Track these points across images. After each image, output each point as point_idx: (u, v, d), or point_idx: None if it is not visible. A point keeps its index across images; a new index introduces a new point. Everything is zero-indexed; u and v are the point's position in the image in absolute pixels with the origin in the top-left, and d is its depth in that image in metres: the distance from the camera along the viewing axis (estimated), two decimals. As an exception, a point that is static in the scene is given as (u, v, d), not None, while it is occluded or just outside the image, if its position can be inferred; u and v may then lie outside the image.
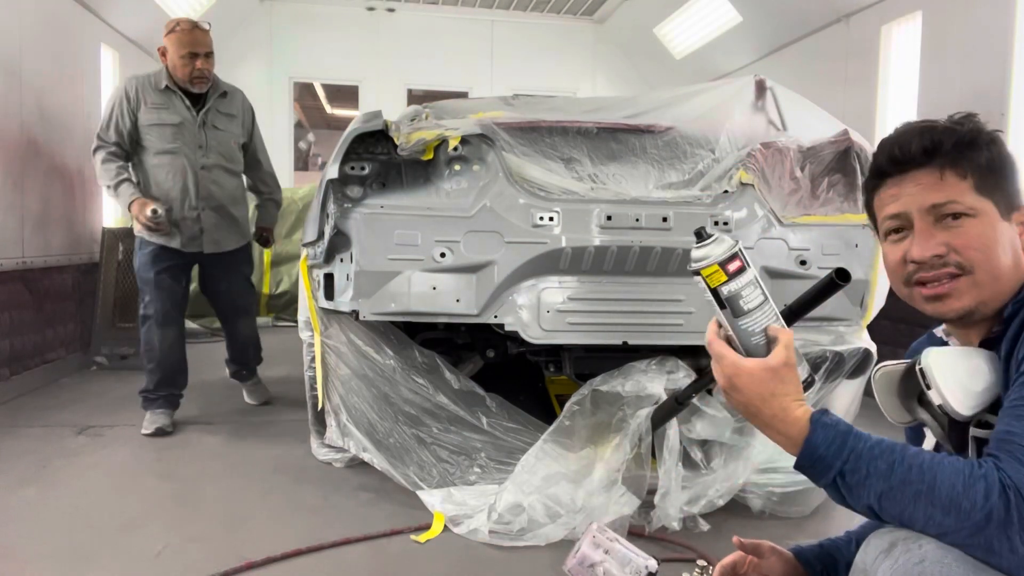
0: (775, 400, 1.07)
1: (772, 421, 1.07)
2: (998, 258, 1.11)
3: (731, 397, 1.11)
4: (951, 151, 1.13)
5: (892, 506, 0.99)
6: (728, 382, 1.11)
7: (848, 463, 1.01)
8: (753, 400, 1.08)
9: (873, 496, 0.99)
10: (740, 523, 2.41)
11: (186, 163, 3.49)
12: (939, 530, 0.97)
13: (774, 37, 6.16)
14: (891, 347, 3.27)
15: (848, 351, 2.58)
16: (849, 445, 1.02)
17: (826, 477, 1.03)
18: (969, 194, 1.12)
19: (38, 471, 2.90)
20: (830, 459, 1.02)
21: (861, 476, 1.00)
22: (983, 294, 1.12)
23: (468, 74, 8.23)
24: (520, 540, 2.26)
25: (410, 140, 2.46)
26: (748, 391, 1.08)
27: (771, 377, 1.08)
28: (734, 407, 1.11)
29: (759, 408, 1.08)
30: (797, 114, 2.88)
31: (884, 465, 0.99)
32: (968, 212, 1.11)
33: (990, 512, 0.92)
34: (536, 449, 2.44)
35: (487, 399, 2.74)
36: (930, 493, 0.96)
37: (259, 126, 3.94)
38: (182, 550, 2.20)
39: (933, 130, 1.15)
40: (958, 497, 0.94)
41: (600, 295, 2.55)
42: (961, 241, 1.11)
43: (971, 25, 4.10)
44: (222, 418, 3.77)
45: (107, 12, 5.53)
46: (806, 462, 1.04)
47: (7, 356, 4.15)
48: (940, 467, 0.98)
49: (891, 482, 0.98)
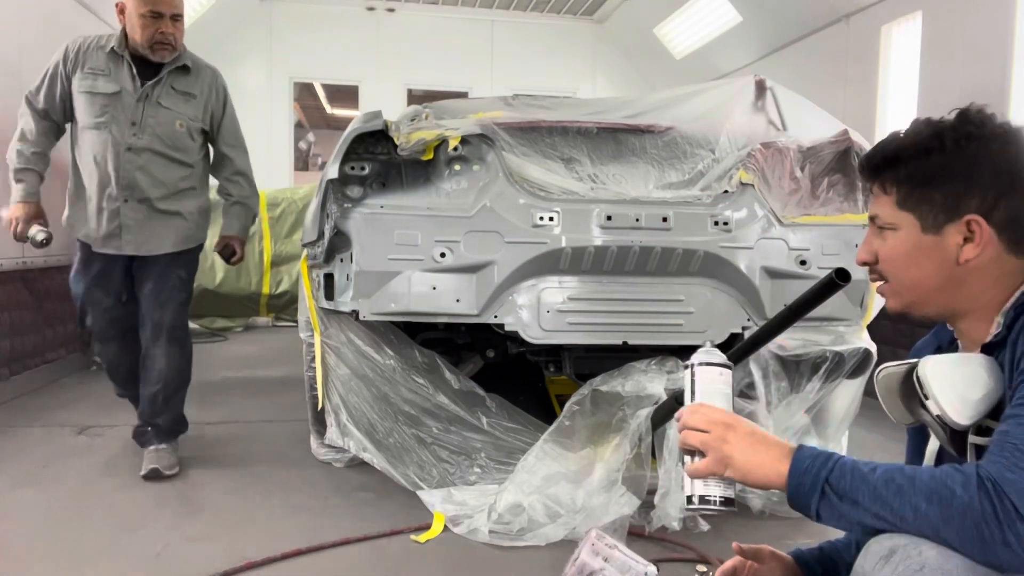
0: (766, 439, 1.13)
1: (767, 456, 1.11)
2: (905, 270, 1.17)
3: (726, 440, 1.12)
4: (878, 167, 1.20)
5: (880, 506, 1.01)
6: (728, 428, 1.13)
7: (833, 472, 1.05)
8: (747, 441, 1.12)
9: (866, 499, 1.02)
10: (740, 523, 2.41)
11: (110, 141, 2.81)
12: (928, 523, 0.98)
13: (774, 37, 6.16)
14: (891, 347, 3.27)
15: (848, 351, 2.58)
16: (833, 458, 1.07)
17: (816, 489, 1.05)
18: (889, 209, 1.18)
19: (38, 471, 2.90)
20: (816, 469, 1.06)
21: (847, 483, 1.03)
22: (905, 299, 1.20)
23: (468, 74, 8.24)
24: (520, 540, 2.26)
25: (410, 140, 2.46)
26: (743, 432, 1.13)
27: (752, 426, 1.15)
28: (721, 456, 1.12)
29: (754, 447, 1.11)
30: (797, 114, 2.89)
31: (866, 470, 1.04)
32: (888, 226, 1.19)
33: (971, 499, 0.95)
34: (536, 449, 2.44)
35: (487, 399, 2.74)
36: (911, 485, 1.00)
37: (258, 126, 3.79)
38: (182, 550, 2.20)
39: (883, 144, 1.20)
40: (938, 487, 0.98)
41: (600, 295, 2.55)
42: (882, 252, 1.20)
43: (971, 25, 4.10)
44: (222, 418, 3.77)
45: (107, 12, 5.52)
46: (795, 479, 1.08)
47: (7, 356, 4.15)
48: (920, 468, 1.02)
49: (874, 483, 1.02)
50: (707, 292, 2.57)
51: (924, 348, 1.33)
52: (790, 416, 2.50)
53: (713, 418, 1.13)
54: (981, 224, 1.11)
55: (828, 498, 1.04)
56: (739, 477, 1.12)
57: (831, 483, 1.04)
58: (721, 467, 1.11)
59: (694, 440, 1.13)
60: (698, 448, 1.13)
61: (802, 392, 2.53)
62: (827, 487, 1.04)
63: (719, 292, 2.57)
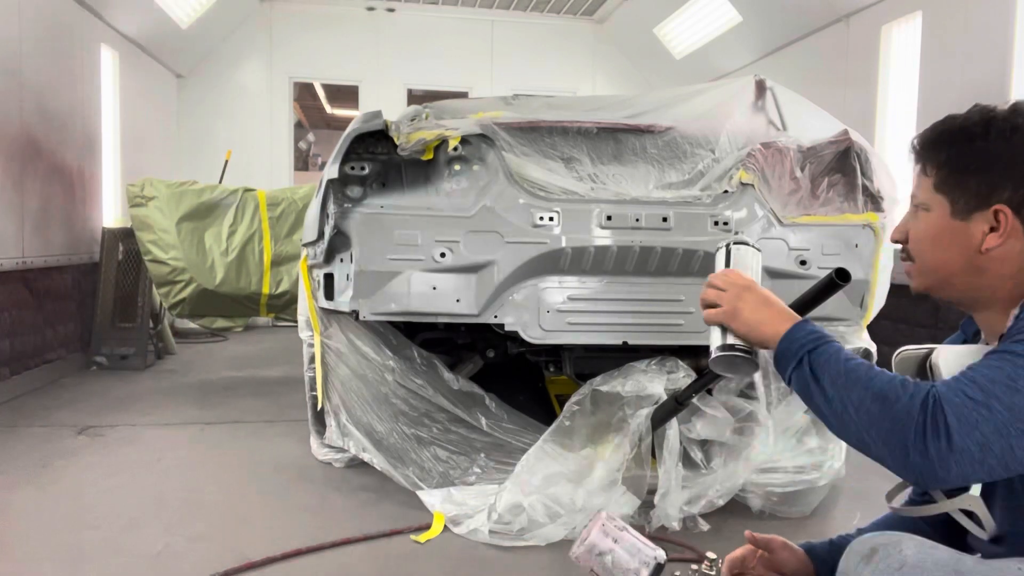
0: (776, 304, 1.25)
1: (772, 317, 1.22)
2: (933, 253, 1.20)
3: (742, 299, 1.24)
4: (921, 148, 1.23)
5: (834, 388, 1.10)
6: (746, 290, 1.25)
7: (818, 348, 1.14)
8: (759, 302, 1.24)
9: (827, 379, 1.11)
10: (740, 523, 2.41)
11: None
12: (867, 418, 1.05)
13: (774, 37, 6.16)
14: (891, 347, 3.26)
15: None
16: (826, 339, 1.16)
17: (796, 357, 1.15)
18: (927, 190, 1.21)
19: (38, 471, 2.90)
20: (804, 340, 1.16)
21: (822, 360, 1.13)
22: (927, 281, 1.23)
23: (468, 74, 8.23)
24: (520, 540, 2.26)
25: (410, 140, 2.46)
26: (758, 294, 1.25)
27: (768, 293, 1.27)
28: (732, 308, 1.24)
29: (763, 307, 1.23)
30: (797, 114, 2.88)
31: (844, 356, 1.13)
32: (922, 206, 1.22)
33: (911, 407, 1.02)
34: (536, 449, 2.44)
35: (487, 399, 2.74)
36: (867, 381, 1.07)
37: (258, 126, 3.78)
38: (182, 550, 2.20)
39: (934, 125, 1.23)
40: (887, 390, 1.05)
41: (600, 295, 2.55)
42: (912, 232, 1.24)
43: (971, 25, 4.10)
44: (222, 418, 3.77)
45: (107, 12, 5.54)
46: (784, 344, 1.18)
47: (7, 356, 4.16)
48: (885, 372, 1.10)
49: (843, 367, 1.11)
50: (707, 292, 2.57)
51: (952, 342, 1.34)
52: (790, 416, 2.50)
53: (735, 280, 1.27)
54: (1007, 214, 1.13)
55: (802, 368, 1.14)
56: (744, 330, 1.23)
57: (811, 356, 1.14)
58: (731, 317, 1.23)
59: (711, 295, 1.26)
60: (714, 301, 1.26)
61: (802, 392, 2.52)
62: (806, 357, 1.14)
63: (719, 292, 2.57)
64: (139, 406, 3.99)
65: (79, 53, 5.17)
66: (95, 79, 5.46)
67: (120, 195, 5.86)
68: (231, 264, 4.64)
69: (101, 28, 5.56)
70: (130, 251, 5.26)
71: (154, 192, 4.56)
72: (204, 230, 4.63)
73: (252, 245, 4.90)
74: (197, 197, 4.65)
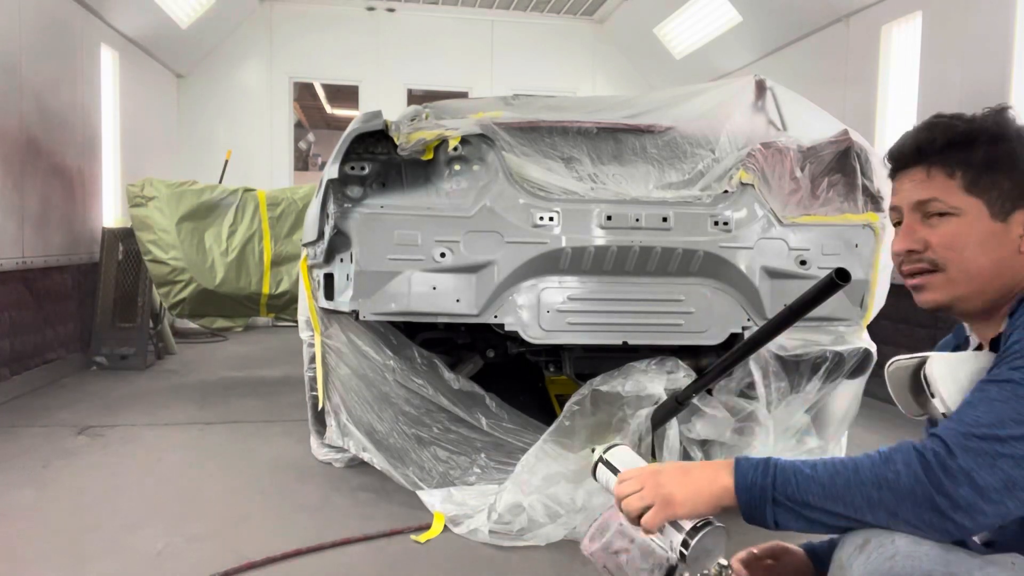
0: (695, 465, 1.17)
1: (703, 476, 1.12)
2: (973, 258, 1.13)
3: (661, 484, 1.13)
4: (941, 149, 1.14)
5: (836, 504, 1.02)
6: (655, 473, 1.16)
7: (776, 478, 1.05)
8: (679, 474, 1.14)
9: (815, 499, 1.03)
10: (740, 523, 2.41)
11: None
12: (884, 510, 1.00)
13: (774, 37, 6.16)
14: (891, 347, 3.27)
15: (848, 351, 2.58)
16: (771, 463, 1.07)
17: (767, 500, 1.06)
18: (955, 193, 1.13)
19: (38, 471, 2.90)
20: (760, 481, 1.06)
21: (793, 486, 1.04)
22: (957, 291, 1.15)
23: (468, 74, 8.23)
24: (520, 540, 2.26)
25: (410, 140, 2.46)
26: (672, 470, 1.16)
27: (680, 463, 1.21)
28: (662, 498, 1.13)
29: (687, 475, 1.13)
30: (797, 114, 2.88)
31: (808, 469, 1.05)
32: (950, 211, 1.13)
33: (914, 475, 0.97)
34: (536, 449, 2.44)
35: (487, 399, 2.74)
36: (856, 476, 1.01)
37: (258, 126, 3.80)
38: (182, 550, 2.20)
39: (933, 127, 1.17)
40: (881, 471, 1.00)
41: (600, 295, 2.55)
42: (936, 239, 1.14)
43: (971, 25, 4.10)
44: (222, 418, 3.77)
45: (107, 12, 5.54)
46: (744, 495, 1.08)
47: (7, 356, 4.15)
48: (860, 457, 1.04)
49: (821, 481, 1.03)
50: (707, 292, 2.57)
51: (947, 345, 1.33)
52: (790, 416, 2.50)
53: (639, 475, 1.16)
54: None
55: (780, 505, 1.05)
56: (688, 510, 1.11)
57: (778, 489, 1.05)
58: (668, 510, 1.11)
59: (635, 504, 1.13)
60: (640, 508, 1.13)
61: (802, 392, 2.53)
62: (777, 495, 1.05)
63: (719, 292, 2.57)
64: (139, 406, 3.99)
65: (79, 53, 5.17)
66: (95, 79, 5.46)
67: (120, 195, 5.86)
68: (231, 264, 4.64)
69: (101, 28, 5.56)
70: (130, 251, 5.26)
71: (154, 192, 4.56)
72: (204, 230, 4.63)
73: (252, 245, 4.90)
74: (197, 197, 4.65)
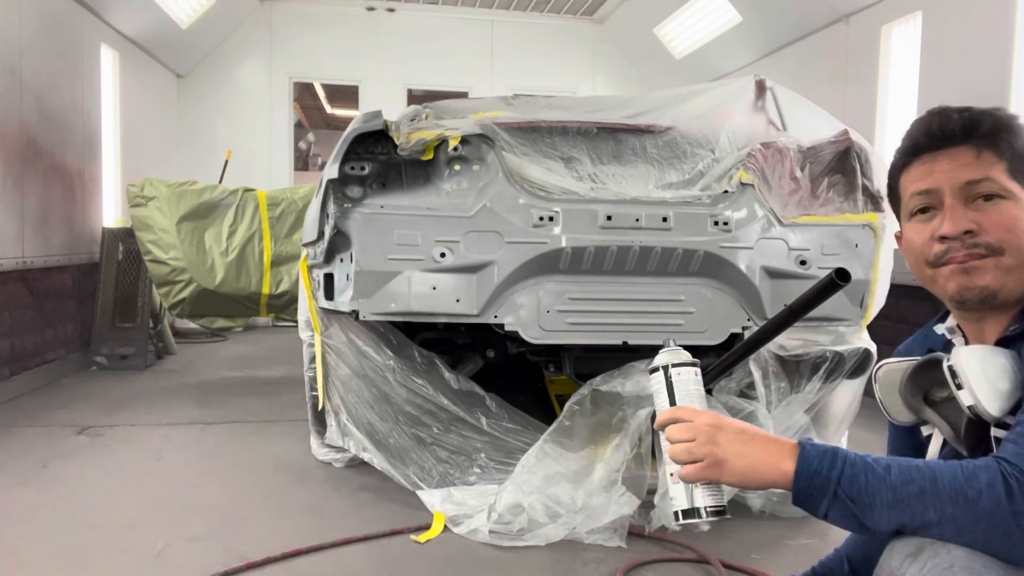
0: (757, 435, 1.07)
1: (764, 453, 1.05)
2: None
3: (717, 443, 1.06)
4: (990, 131, 1.11)
5: (902, 512, 0.97)
6: (715, 429, 1.07)
7: (844, 472, 0.99)
8: (739, 441, 1.06)
9: (883, 503, 0.98)
10: (740, 523, 2.41)
11: None
12: (953, 526, 0.95)
13: (774, 37, 6.16)
14: (891, 347, 3.26)
15: (848, 351, 2.58)
16: (841, 457, 1.01)
17: (827, 493, 1.00)
18: (1004, 176, 1.10)
19: (38, 471, 2.90)
20: (825, 472, 1.00)
21: (861, 485, 0.99)
22: (1007, 279, 1.10)
23: (468, 74, 8.23)
24: (520, 540, 2.26)
25: (410, 140, 2.46)
26: (732, 432, 1.07)
27: (741, 423, 1.09)
28: (713, 461, 1.05)
29: (747, 445, 1.05)
30: (797, 114, 2.88)
31: (880, 470, 0.99)
32: (1002, 193, 1.10)
33: (997, 498, 0.92)
34: (536, 449, 2.44)
35: (487, 399, 2.74)
36: (934, 487, 0.96)
37: (258, 126, 3.80)
38: (182, 550, 2.20)
39: (972, 110, 1.14)
40: (962, 487, 0.94)
41: (600, 295, 2.55)
42: (993, 221, 1.09)
43: (971, 25, 4.10)
44: (222, 418, 3.77)
45: (107, 12, 5.53)
46: (803, 482, 1.02)
47: (7, 356, 4.15)
48: (937, 465, 0.98)
49: (893, 484, 0.97)
50: (707, 292, 2.57)
51: (912, 352, 1.30)
52: (790, 416, 2.50)
53: (697, 424, 1.07)
54: None
55: (840, 501, 1.00)
56: (736, 481, 1.05)
57: (843, 486, 0.99)
58: (715, 472, 1.05)
59: (683, 454, 1.07)
60: (689, 459, 1.06)
61: (802, 392, 2.53)
62: (839, 490, 0.99)
63: (719, 292, 2.57)
64: (139, 406, 3.99)
65: (79, 53, 5.17)
66: (95, 79, 5.46)
67: (120, 195, 5.86)
68: (231, 264, 4.65)
69: (101, 28, 5.56)
70: (130, 251, 5.26)
71: (154, 192, 4.56)
72: (204, 230, 4.64)
73: (252, 245, 4.90)
74: (197, 197, 4.65)
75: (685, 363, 1.13)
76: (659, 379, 1.14)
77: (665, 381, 1.13)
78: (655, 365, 1.15)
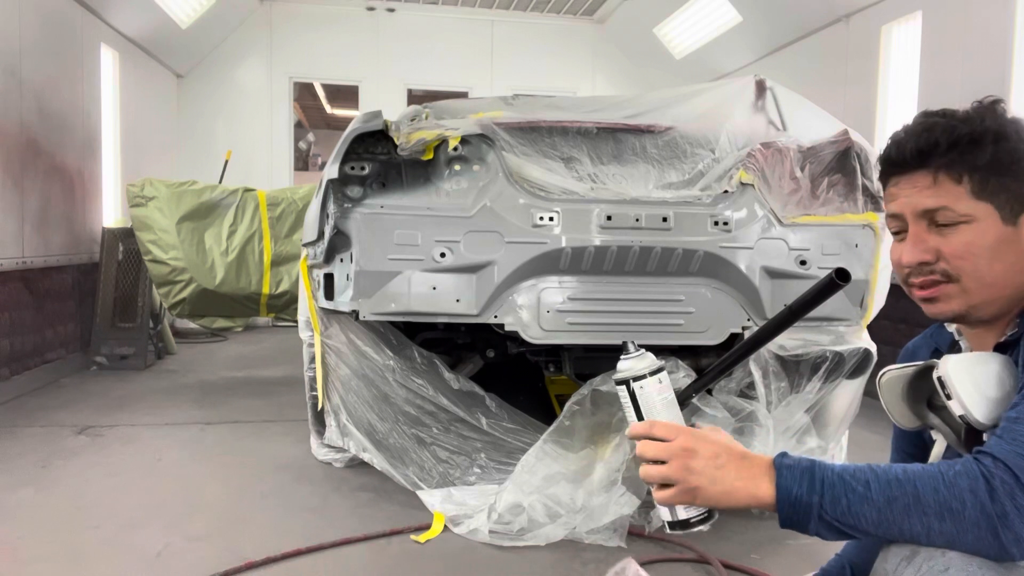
0: (732, 458, 1.04)
1: (737, 478, 1.02)
2: (988, 266, 1.08)
3: (690, 470, 1.03)
4: (946, 153, 1.09)
5: (889, 528, 0.97)
6: (688, 454, 1.04)
7: (824, 495, 0.98)
8: (712, 466, 1.03)
9: (868, 523, 0.97)
10: (740, 523, 2.41)
11: None
12: (944, 540, 0.94)
13: (774, 37, 6.16)
14: (891, 347, 3.27)
15: (848, 351, 2.58)
16: (817, 476, 0.99)
17: (811, 516, 0.99)
18: (963, 199, 1.08)
19: (38, 471, 2.90)
20: (805, 498, 0.98)
21: (843, 507, 0.97)
22: (972, 300, 1.10)
23: (468, 74, 8.23)
24: (520, 540, 2.26)
25: (410, 140, 2.46)
26: (705, 458, 1.03)
27: (718, 438, 1.06)
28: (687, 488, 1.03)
29: (721, 470, 1.03)
30: (797, 114, 2.88)
31: (860, 488, 0.97)
32: (961, 219, 1.08)
33: (981, 505, 0.91)
34: (536, 449, 2.44)
35: (487, 399, 2.74)
36: (917, 504, 0.95)
37: (258, 126, 3.80)
38: (182, 550, 2.20)
39: (932, 130, 1.12)
40: (945, 500, 0.94)
41: (600, 295, 2.55)
42: (950, 249, 1.09)
43: (971, 25, 4.10)
44: (222, 418, 3.77)
45: (107, 12, 5.53)
46: (787, 510, 1.00)
47: (7, 356, 4.15)
48: (917, 476, 0.96)
49: (876, 503, 0.96)
50: (707, 292, 2.57)
51: (919, 351, 1.30)
52: (790, 416, 2.50)
53: (670, 447, 1.03)
54: None
55: (825, 523, 0.98)
56: (712, 505, 1.04)
57: (826, 509, 0.98)
58: (689, 497, 1.03)
59: (655, 475, 1.04)
60: (659, 478, 1.04)
61: (802, 392, 2.53)
62: (823, 513, 0.98)
63: (719, 292, 2.57)
64: (139, 406, 3.99)
65: (79, 53, 5.17)
66: (95, 79, 5.46)
67: (120, 195, 5.86)
68: (231, 264, 4.65)
69: (101, 28, 5.56)
70: (130, 251, 5.26)
71: (154, 192, 4.56)
72: (204, 230, 4.64)
73: (252, 245, 4.90)
74: (197, 197, 4.65)
75: (647, 373, 1.09)
76: (624, 393, 1.10)
77: (629, 396, 1.10)
78: (617, 378, 1.11)
